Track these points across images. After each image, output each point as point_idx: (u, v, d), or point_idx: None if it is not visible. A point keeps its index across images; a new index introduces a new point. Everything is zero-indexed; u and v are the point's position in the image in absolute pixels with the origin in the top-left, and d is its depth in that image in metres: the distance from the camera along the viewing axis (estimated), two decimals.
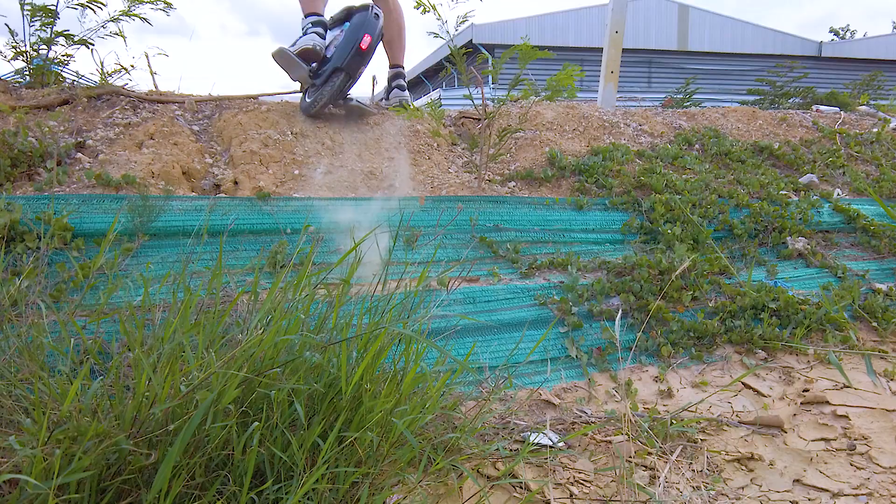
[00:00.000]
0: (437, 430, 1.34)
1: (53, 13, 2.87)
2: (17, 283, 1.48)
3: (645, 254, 2.33)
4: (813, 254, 2.57)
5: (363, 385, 1.15)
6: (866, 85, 6.96)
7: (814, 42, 20.75)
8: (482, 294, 2.04)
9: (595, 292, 2.09)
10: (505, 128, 2.88)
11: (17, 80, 2.97)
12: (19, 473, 0.87)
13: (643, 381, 1.77)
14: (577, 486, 1.31)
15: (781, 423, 1.58)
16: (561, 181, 2.89)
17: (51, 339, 1.25)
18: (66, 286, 1.68)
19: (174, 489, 0.92)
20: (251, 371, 1.03)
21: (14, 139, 2.21)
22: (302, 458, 1.03)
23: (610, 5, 3.91)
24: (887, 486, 1.37)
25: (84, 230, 1.93)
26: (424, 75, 23.25)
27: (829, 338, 2.01)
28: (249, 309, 1.40)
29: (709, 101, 6.69)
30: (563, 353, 1.87)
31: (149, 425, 0.94)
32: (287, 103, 3.03)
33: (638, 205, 2.72)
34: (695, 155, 3.29)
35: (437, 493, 1.22)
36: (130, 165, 2.31)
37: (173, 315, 1.22)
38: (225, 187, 2.46)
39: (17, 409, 1.01)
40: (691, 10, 19.53)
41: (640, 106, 4.82)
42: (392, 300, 1.35)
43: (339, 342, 1.18)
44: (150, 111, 2.71)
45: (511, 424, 1.49)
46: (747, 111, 4.07)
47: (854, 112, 4.49)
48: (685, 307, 2.09)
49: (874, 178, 3.40)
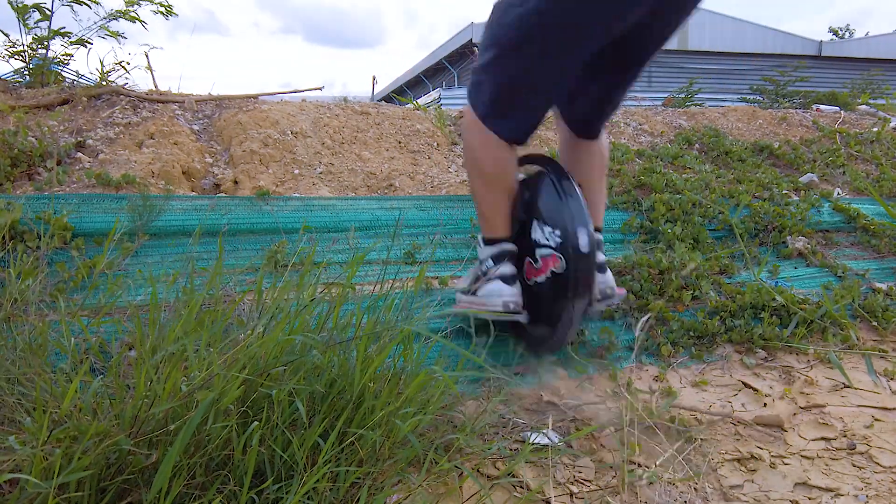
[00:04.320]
0: (438, 429, 1.35)
1: (45, 11, 2.87)
2: (18, 282, 1.48)
3: (645, 253, 2.33)
4: (813, 253, 2.57)
5: (366, 385, 1.15)
6: (866, 84, 6.97)
7: (814, 41, 20.76)
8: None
9: None
10: None
11: (16, 79, 2.97)
12: (20, 472, 0.87)
13: (643, 381, 1.77)
14: (577, 485, 1.31)
15: (781, 422, 1.58)
16: None
17: (52, 338, 1.25)
18: (67, 286, 1.68)
19: (174, 489, 0.92)
20: (253, 371, 1.03)
21: (14, 139, 2.21)
22: (302, 457, 1.03)
23: None
24: (888, 485, 1.37)
25: (84, 230, 1.93)
26: (424, 75, 23.23)
27: (829, 337, 2.01)
28: (251, 308, 1.40)
29: (710, 101, 6.70)
30: (563, 352, 1.86)
31: (149, 425, 0.94)
32: (287, 103, 3.03)
33: (638, 204, 2.72)
34: (695, 154, 3.30)
35: (438, 493, 1.22)
36: (130, 165, 2.31)
37: (175, 315, 1.22)
38: (225, 187, 2.46)
39: (19, 407, 1.02)
40: None
41: (641, 105, 4.82)
42: (392, 300, 1.35)
43: (347, 340, 1.18)
44: (150, 111, 2.71)
45: (511, 424, 1.49)
46: (747, 110, 4.08)
47: (854, 111, 4.49)
48: (685, 306, 2.09)
49: (874, 178, 3.40)
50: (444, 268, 2.20)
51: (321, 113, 3.01)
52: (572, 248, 1.61)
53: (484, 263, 1.78)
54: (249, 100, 3.00)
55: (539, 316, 1.74)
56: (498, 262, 1.75)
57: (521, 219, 1.77)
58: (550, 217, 1.67)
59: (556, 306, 1.66)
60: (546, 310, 1.71)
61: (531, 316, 1.74)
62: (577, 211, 1.64)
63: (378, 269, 2.08)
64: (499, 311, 1.69)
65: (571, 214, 1.63)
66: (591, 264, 1.64)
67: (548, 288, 1.68)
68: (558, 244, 1.63)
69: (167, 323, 1.16)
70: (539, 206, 1.71)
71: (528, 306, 1.73)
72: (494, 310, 1.70)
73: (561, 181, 1.70)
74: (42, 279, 1.58)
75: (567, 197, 1.66)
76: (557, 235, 1.64)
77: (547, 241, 1.67)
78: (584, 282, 1.64)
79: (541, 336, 1.77)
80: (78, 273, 1.71)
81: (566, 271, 1.62)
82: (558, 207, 1.66)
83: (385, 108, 3.23)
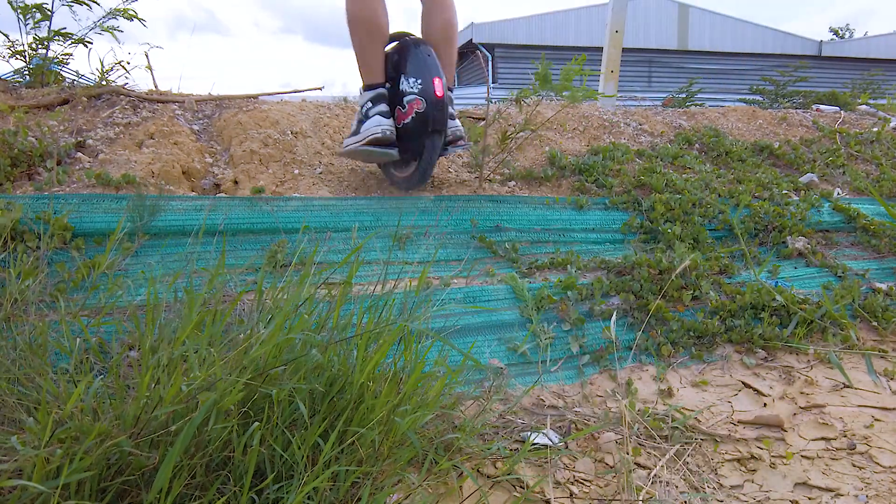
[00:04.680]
0: (438, 429, 1.35)
1: (46, 11, 2.87)
2: (18, 282, 1.48)
3: (645, 253, 2.33)
4: (813, 253, 2.57)
5: (366, 384, 1.15)
6: (867, 84, 6.97)
7: (814, 41, 20.76)
8: (482, 293, 2.05)
9: (595, 291, 2.09)
10: (508, 133, 2.88)
11: (16, 79, 2.97)
12: (21, 473, 0.87)
13: (643, 381, 1.77)
14: (577, 485, 1.31)
15: (781, 422, 1.58)
16: (561, 181, 2.89)
17: (52, 338, 1.25)
18: (67, 286, 1.68)
19: (175, 489, 0.92)
20: (255, 371, 1.03)
21: (14, 139, 2.21)
22: (303, 457, 1.03)
23: (610, 5, 3.91)
24: (888, 485, 1.37)
25: (84, 230, 1.93)
26: None
27: (829, 337, 2.01)
28: (251, 308, 1.40)
29: (710, 101, 6.69)
30: (563, 352, 1.87)
31: (150, 426, 0.95)
32: (287, 103, 3.03)
33: (638, 204, 2.72)
34: (695, 154, 3.30)
35: (438, 493, 1.22)
36: (130, 165, 2.31)
37: (176, 315, 1.22)
38: (225, 187, 2.46)
39: (19, 407, 1.02)
40: (691, 9, 19.53)
41: (641, 105, 4.82)
42: (392, 299, 1.35)
43: (348, 339, 1.18)
44: (150, 111, 2.71)
45: (511, 424, 1.49)
46: (747, 111, 4.08)
47: (854, 111, 4.49)
48: (685, 306, 2.09)
49: (874, 178, 3.40)
50: (445, 268, 2.20)
51: (321, 113, 3.01)
52: (430, 92, 2.16)
53: (364, 106, 2.27)
54: (249, 100, 3.00)
55: (407, 150, 2.29)
56: (375, 103, 2.25)
57: (391, 76, 2.28)
58: (413, 71, 2.20)
59: (420, 140, 2.22)
60: (412, 144, 2.26)
61: (401, 152, 2.28)
62: (433, 65, 2.19)
63: (378, 269, 2.08)
64: (378, 136, 2.18)
65: (428, 68, 2.18)
66: (444, 107, 2.19)
67: (413, 126, 2.20)
68: (420, 90, 2.18)
69: (167, 323, 1.16)
70: (404, 64, 2.23)
71: (399, 145, 2.26)
72: (375, 136, 2.18)
73: (419, 45, 2.25)
74: (42, 279, 1.58)
75: (425, 56, 2.21)
76: (419, 84, 2.18)
77: (412, 89, 2.19)
78: (439, 119, 2.19)
79: (408, 173, 2.38)
80: (78, 273, 1.71)
81: (426, 110, 2.16)
82: (418, 63, 2.20)
83: None
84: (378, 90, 2.24)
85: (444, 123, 2.21)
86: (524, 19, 18.97)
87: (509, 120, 3.22)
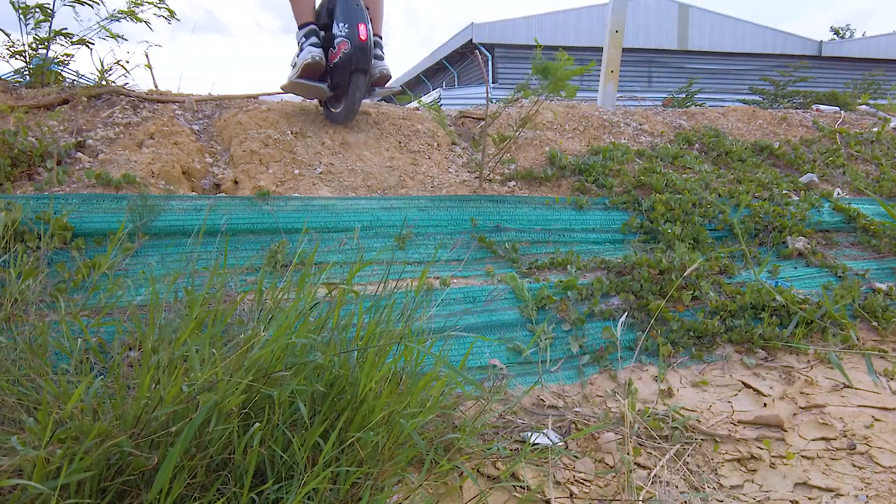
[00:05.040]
0: (438, 429, 1.34)
1: (48, 11, 2.87)
2: (18, 282, 1.47)
3: (645, 253, 2.33)
4: (813, 253, 2.57)
5: (367, 385, 1.15)
6: (867, 84, 6.97)
7: (814, 41, 20.75)
8: (482, 293, 2.04)
9: (595, 291, 2.09)
10: (506, 135, 2.88)
11: (16, 79, 2.97)
12: (21, 473, 0.87)
13: (643, 381, 1.77)
14: (577, 485, 1.31)
15: (781, 422, 1.58)
16: (561, 181, 2.89)
17: (52, 338, 1.25)
18: (67, 286, 1.68)
19: (175, 490, 0.92)
20: (257, 373, 1.03)
21: (14, 139, 2.21)
22: (303, 457, 1.03)
23: (610, 5, 3.91)
24: (888, 485, 1.37)
25: (84, 230, 1.93)
26: (424, 75, 23.21)
27: (829, 337, 2.01)
28: (252, 308, 1.40)
29: (710, 101, 6.70)
30: (564, 352, 1.87)
31: (150, 426, 0.94)
32: (287, 103, 3.03)
33: (638, 204, 2.72)
34: (695, 154, 3.29)
35: (438, 493, 1.22)
36: (130, 165, 2.31)
37: (177, 315, 1.22)
38: (225, 187, 2.46)
39: (19, 407, 1.02)
40: (691, 9, 19.53)
41: (641, 105, 4.82)
42: (392, 300, 1.35)
43: (352, 351, 1.18)
44: (150, 111, 2.70)
45: (511, 424, 1.49)
46: (747, 111, 4.07)
47: (854, 111, 4.49)
48: (685, 306, 2.09)
49: (874, 178, 3.40)
50: (445, 268, 2.20)
51: (321, 113, 3.00)
52: (355, 35, 2.52)
53: (300, 42, 2.67)
54: (249, 100, 3.00)
55: (337, 86, 2.68)
56: (308, 37, 2.63)
57: (326, 23, 2.66)
58: (342, 17, 2.56)
59: (346, 78, 2.59)
60: (340, 80, 2.63)
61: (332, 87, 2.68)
62: (360, 12, 2.56)
63: (379, 269, 2.08)
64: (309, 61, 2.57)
65: (355, 14, 2.54)
66: (368, 49, 2.55)
67: (340, 64, 2.57)
68: (347, 33, 2.54)
69: (168, 323, 1.16)
70: (336, 11, 2.60)
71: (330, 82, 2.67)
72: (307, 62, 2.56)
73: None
74: (42, 279, 1.58)
75: (353, 4, 2.57)
76: (346, 27, 2.54)
77: (341, 32, 2.56)
78: (362, 59, 2.53)
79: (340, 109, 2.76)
80: (78, 273, 1.71)
81: (351, 51, 2.52)
82: (346, 10, 2.56)
83: (385, 108, 3.23)
84: (309, 26, 2.66)
85: (367, 63, 2.56)
86: (524, 19, 18.97)
87: (509, 120, 3.22)
